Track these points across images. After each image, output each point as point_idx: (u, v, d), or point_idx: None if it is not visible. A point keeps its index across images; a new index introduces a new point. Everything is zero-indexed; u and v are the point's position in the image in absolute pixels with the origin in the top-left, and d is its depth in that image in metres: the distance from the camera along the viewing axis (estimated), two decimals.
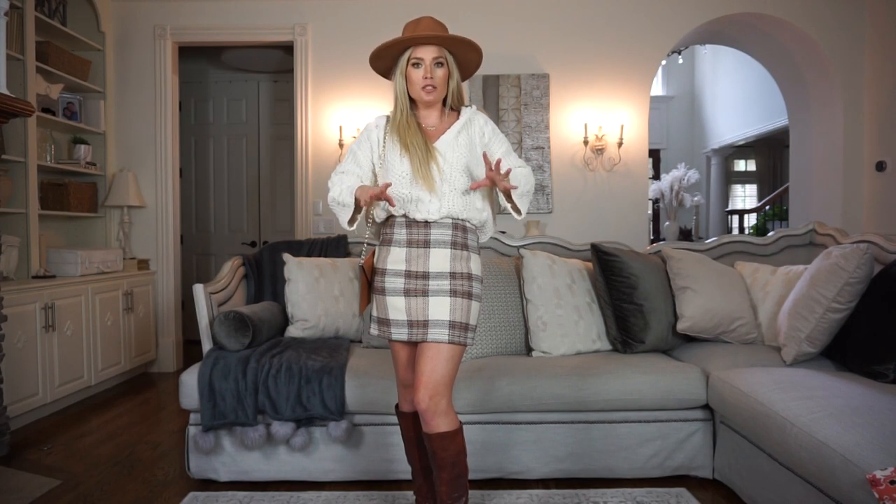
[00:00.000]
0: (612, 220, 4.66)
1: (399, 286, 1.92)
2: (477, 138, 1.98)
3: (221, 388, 2.48)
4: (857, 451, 1.65)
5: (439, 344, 1.87)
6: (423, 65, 1.89)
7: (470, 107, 2.02)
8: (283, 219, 5.82)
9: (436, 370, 1.86)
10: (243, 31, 4.64)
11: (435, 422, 1.86)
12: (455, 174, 1.91)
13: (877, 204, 4.52)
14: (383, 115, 2.03)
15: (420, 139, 1.90)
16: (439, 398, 1.86)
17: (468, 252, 1.95)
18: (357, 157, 2.01)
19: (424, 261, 1.91)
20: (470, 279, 1.92)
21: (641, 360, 2.67)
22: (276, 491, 2.50)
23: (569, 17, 4.65)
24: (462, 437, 1.91)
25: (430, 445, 1.89)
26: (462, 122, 1.97)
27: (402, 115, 1.94)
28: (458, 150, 1.93)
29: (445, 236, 1.92)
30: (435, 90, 1.91)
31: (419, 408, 1.86)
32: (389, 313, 1.93)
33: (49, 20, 4.01)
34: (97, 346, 3.95)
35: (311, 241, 3.40)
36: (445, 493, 1.89)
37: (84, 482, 2.62)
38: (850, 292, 2.41)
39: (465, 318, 1.89)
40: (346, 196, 1.93)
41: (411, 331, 1.91)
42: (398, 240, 1.94)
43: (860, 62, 4.62)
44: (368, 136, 2.01)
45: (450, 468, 1.88)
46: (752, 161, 10.90)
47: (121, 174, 4.52)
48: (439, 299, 1.88)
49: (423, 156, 1.88)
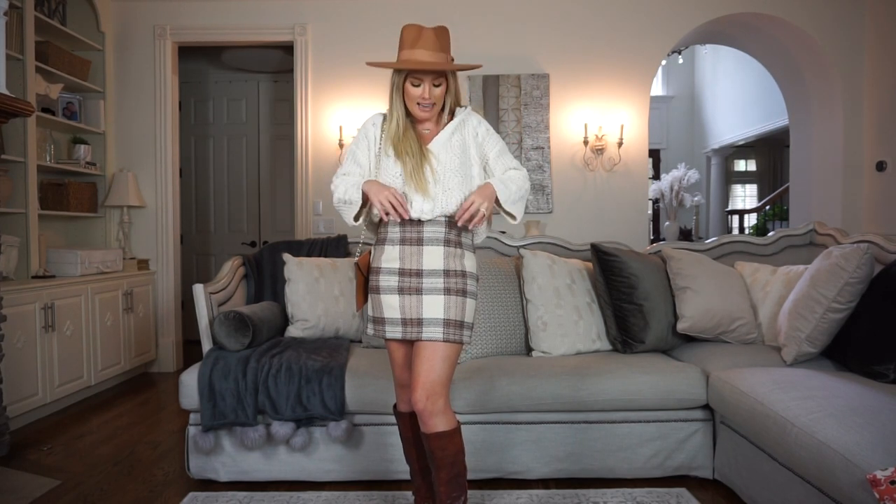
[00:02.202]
0: (612, 220, 4.66)
1: (393, 284, 1.92)
2: (470, 139, 1.98)
3: (221, 388, 2.48)
4: (858, 451, 1.65)
5: (435, 343, 1.87)
6: (422, 84, 1.88)
7: (464, 107, 2.02)
8: (283, 219, 5.81)
9: (432, 370, 1.85)
10: (243, 31, 4.64)
11: (432, 421, 1.86)
12: (448, 175, 1.91)
13: (877, 204, 4.52)
14: (380, 114, 2.03)
15: (415, 146, 1.91)
16: (437, 398, 1.85)
17: (462, 249, 1.95)
18: (357, 157, 2.01)
19: (418, 258, 1.91)
20: (464, 276, 1.92)
21: (641, 360, 2.67)
22: (276, 491, 2.50)
23: (569, 17, 4.65)
24: (460, 437, 1.91)
25: (429, 445, 1.88)
26: (455, 124, 1.97)
27: (397, 125, 1.94)
28: (452, 152, 1.93)
29: (439, 234, 1.91)
30: (432, 108, 1.92)
31: (416, 408, 1.86)
32: (384, 311, 1.93)
33: (49, 20, 4.00)
34: (97, 346, 3.95)
35: (311, 241, 3.40)
36: (444, 492, 1.89)
37: (84, 482, 2.62)
38: (851, 292, 2.41)
39: (460, 315, 1.89)
40: (352, 193, 1.92)
41: (405, 329, 1.91)
42: (392, 238, 1.94)
43: (860, 62, 4.61)
44: (366, 134, 2.01)
45: (448, 468, 1.88)
46: (752, 161, 10.90)
47: (121, 174, 4.52)
48: (433, 297, 1.88)
49: (418, 161, 1.89)
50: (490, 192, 1.90)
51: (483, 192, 1.88)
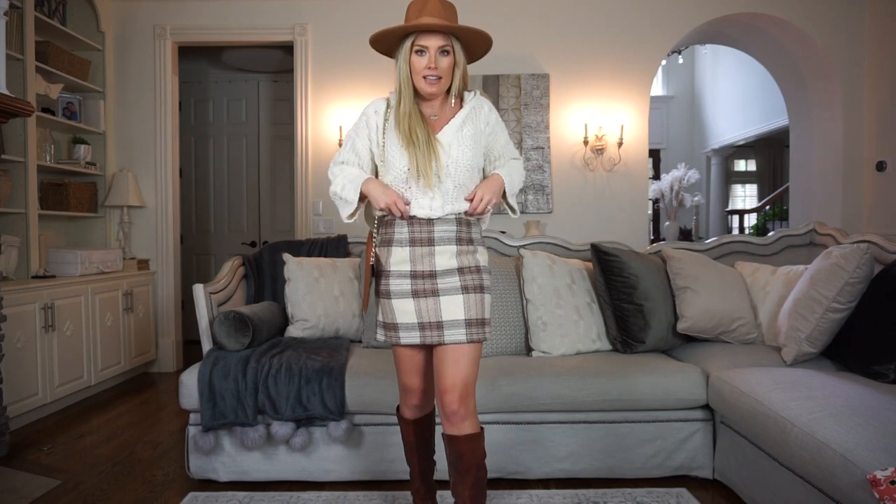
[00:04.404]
0: (612, 220, 4.66)
1: (406, 288, 1.83)
2: (482, 126, 1.89)
3: (221, 388, 2.48)
4: (858, 451, 1.65)
5: (459, 345, 1.80)
6: (426, 53, 1.77)
7: (473, 92, 1.92)
8: (283, 219, 5.82)
9: (460, 372, 1.79)
10: (243, 31, 4.64)
11: (464, 424, 1.80)
12: (461, 171, 1.82)
13: (877, 204, 4.52)
14: (381, 99, 1.92)
15: (423, 135, 1.79)
16: (468, 399, 1.81)
17: (474, 245, 1.88)
18: (356, 146, 1.91)
19: (430, 259, 1.83)
20: (479, 272, 1.86)
21: (641, 360, 2.67)
22: (276, 491, 2.50)
23: (569, 17, 4.65)
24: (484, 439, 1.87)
25: (457, 448, 1.81)
26: (466, 112, 1.87)
27: (405, 103, 1.81)
28: (463, 144, 1.84)
29: (450, 233, 1.84)
30: (439, 81, 1.80)
31: (448, 410, 1.79)
32: (397, 317, 1.85)
33: (49, 20, 4.00)
34: (97, 346, 3.95)
35: (311, 241, 3.39)
36: (470, 497, 1.82)
37: (84, 482, 2.62)
38: (851, 292, 2.41)
39: (480, 313, 1.82)
40: (349, 192, 1.85)
41: (423, 333, 1.82)
42: (400, 239, 1.85)
43: (860, 62, 4.62)
44: (367, 122, 1.90)
45: (475, 471, 1.82)
46: (752, 161, 10.90)
47: (121, 174, 4.52)
48: (451, 298, 1.81)
49: (426, 151, 1.78)
50: (499, 186, 1.85)
51: (492, 187, 1.83)
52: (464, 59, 1.85)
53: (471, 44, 1.86)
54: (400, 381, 2.00)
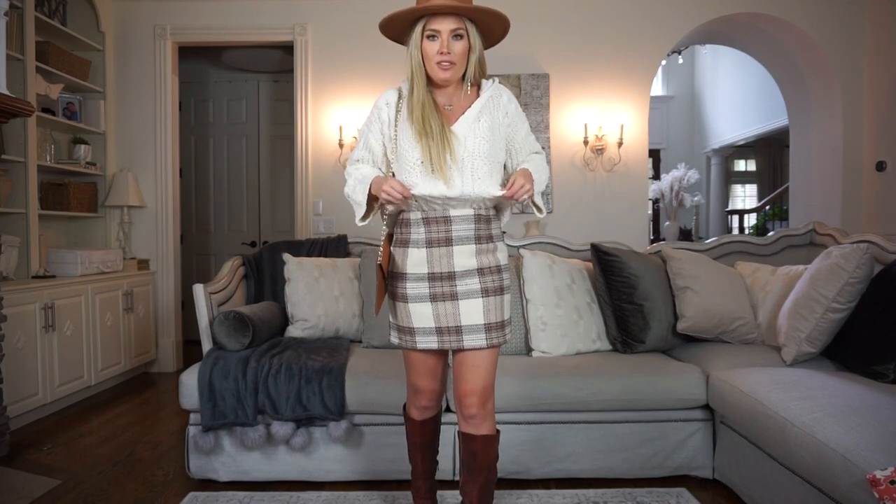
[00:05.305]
0: (612, 220, 4.66)
1: (423, 292, 1.76)
2: (500, 117, 1.79)
3: (221, 388, 2.48)
4: (857, 451, 1.65)
5: (479, 350, 1.76)
6: (438, 38, 1.68)
7: (491, 80, 1.82)
8: (283, 219, 5.81)
9: (480, 377, 1.77)
10: (243, 31, 4.64)
11: (484, 425, 1.79)
12: (478, 163, 1.72)
13: (877, 204, 4.52)
14: (393, 90, 1.82)
15: (437, 126, 1.70)
16: (489, 402, 1.80)
17: (493, 243, 1.81)
18: (368, 143, 1.83)
19: (448, 260, 1.75)
20: (499, 272, 1.80)
21: (641, 360, 2.67)
22: (276, 491, 2.50)
23: (569, 17, 4.65)
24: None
25: (473, 448, 1.80)
26: (483, 101, 1.77)
27: (417, 92, 1.73)
28: (480, 135, 1.73)
29: (469, 231, 1.76)
30: (452, 66, 1.71)
31: (467, 413, 1.78)
32: (413, 321, 1.78)
33: (49, 20, 4.00)
34: (97, 346, 3.95)
35: (311, 241, 3.40)
36: (478, 497, 1.82)
37: (84, 482, 2.62)
38: (850, 292, 2.41)
39: (500, 316, 1.77)
40: (358, 195, 1.79)
41: (441, 338, 1.77)
42: (416, 240, 1.77)
43: (860, 62, 4.62)
44: (379, 115, 1.81)
45: (486, 472, 1.81)
46: (752, 161, 10.90)
47: (121, 174, 4.52)
48: (471, 301, 1.74)
49: (440, 143, 1.69)
50: (532, 177, 1.74)
51: (529, 176, 1.72)
52: (479, 43, 1.75)
53: (486, 27, 1.76)
54: (410, 382, 1.95)
